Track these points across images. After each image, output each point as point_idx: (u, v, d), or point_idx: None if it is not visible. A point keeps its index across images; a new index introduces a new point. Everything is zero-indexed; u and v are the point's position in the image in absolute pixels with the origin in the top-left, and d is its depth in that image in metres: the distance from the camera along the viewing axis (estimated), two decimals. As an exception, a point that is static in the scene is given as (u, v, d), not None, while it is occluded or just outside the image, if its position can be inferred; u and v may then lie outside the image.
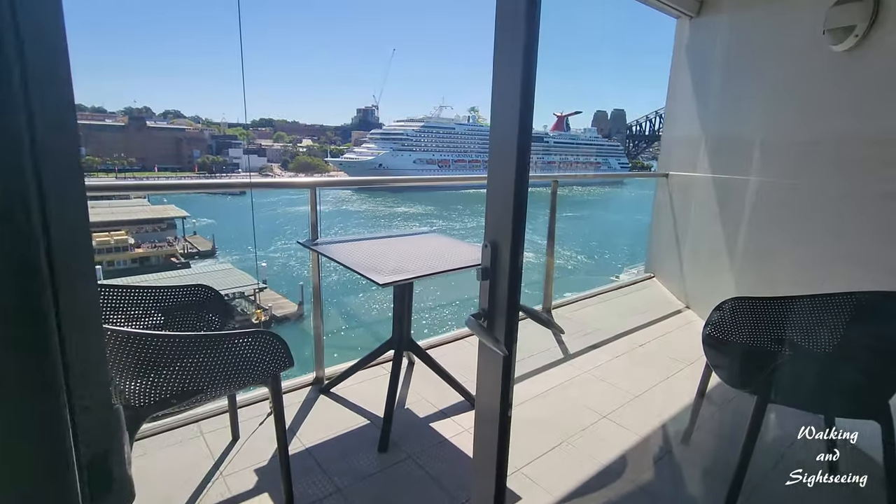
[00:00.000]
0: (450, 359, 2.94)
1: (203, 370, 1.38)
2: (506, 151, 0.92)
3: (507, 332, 0.99)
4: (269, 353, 1.52)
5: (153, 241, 31.42)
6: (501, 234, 0.96)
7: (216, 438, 2.08)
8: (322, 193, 2.54)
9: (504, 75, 0.90)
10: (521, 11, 0.83)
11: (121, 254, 27.98)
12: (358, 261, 2.08)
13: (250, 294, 22.66)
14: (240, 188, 2.22)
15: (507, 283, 0.96)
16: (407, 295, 2.28)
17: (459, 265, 2.08)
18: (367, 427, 2.25)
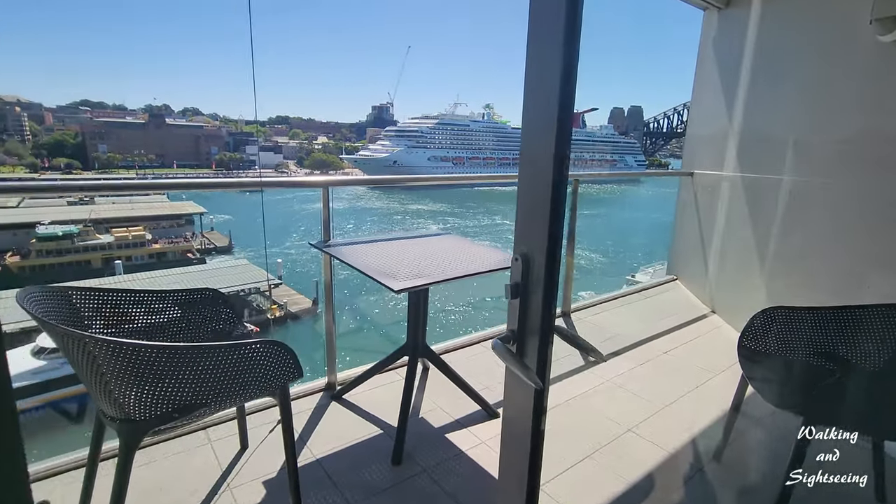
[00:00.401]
0: (465, 364, 2.84)
1: (206, 382, 1.30)
2: (540, 149, 0.80)
3: (541, 359, 0.87)
4: (277, 363, 1.43)
5: (171, 236, 31.91)
6: (535, 246, 0.84)
7: (224, 447, 2.01)
8: (336, 191, 2.46)
9: (540, 58, 0.78)
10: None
11: (138, 249, 28.44)
12: (371, 264, 1.99)
13: (266, 290, 22.84)
14: (252, 187, 2.14)
15: (542, 302, 0.84)
16: (422, 300, 2.18)
17: (477, 269, 1.97)
18: (380, 437, 2.16)
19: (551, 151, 0.78)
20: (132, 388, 1.22)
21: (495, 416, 2.34)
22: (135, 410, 1.26)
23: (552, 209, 0.80)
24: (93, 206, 29.21)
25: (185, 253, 30.34)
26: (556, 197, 0.80)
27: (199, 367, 1.27)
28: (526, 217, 0.87)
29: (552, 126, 0.77)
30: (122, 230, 28.61)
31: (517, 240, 0.88)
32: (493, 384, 2.64)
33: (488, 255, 2.22)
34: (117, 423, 1.28)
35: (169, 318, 1.69)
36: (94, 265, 26.62)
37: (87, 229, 27.24)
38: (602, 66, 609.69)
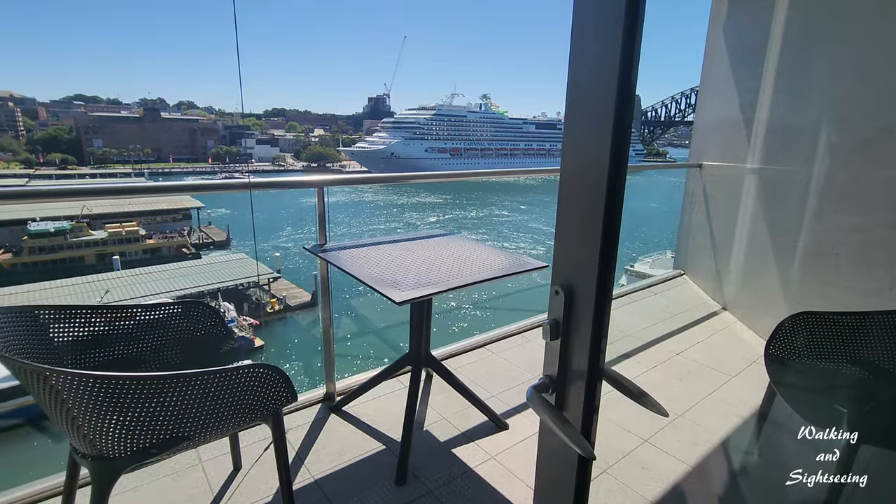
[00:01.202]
0: (470, 370, 2.72)
1: (189, 413, 1.16)
2: (590, 162, 0.65)
3: (586, 414, 0.75)
4: (268, 388, 1.29)
5: (165, 231, 31.69)
6: (581, 275, 0.69)
7: (216, 468, 1.88)
8: (333, 188, 2.30)
9: (593, 42, 0.63)
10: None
11: (132, 245, 28.24)
12: (371, 271, 1.84)
13: (264, 284, 22.74)
14: (239, 189, 1.99)
15: (589, 344, 0.71)
16: (426, 308, 2.04)
17: (484, 276, 1.83)
18: (382, 453, 2.03)
19: (605, 163, 0.63)
20: (103, 423, 1.08)
21: (504, 427, 2.21)
22: (108, 447, 1.12)
23: (604, 231, 0.65)
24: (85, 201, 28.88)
25: (179, 248, 30.13)
26: (609, 216, 0.64)
27: (180, 397, 1.13)
28: (569, 241, 0.71)
29: (606, 129, 0.63)
30: (116, 226, 28.36)
31: (557, 267, 0.73)
32: (499, 391, 2.51)
33: (494, 259, 2.08)
34: (89, 462, 1.14)
35: (150, 334, 1.55)
36: (88, 261, 26.44)
37: (79, 225, 27.02)
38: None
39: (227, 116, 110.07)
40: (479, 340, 3.01)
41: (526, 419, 2.29)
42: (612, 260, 0.68)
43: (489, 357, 2.89)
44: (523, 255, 2.15)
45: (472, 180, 51.82)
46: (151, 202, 33.39)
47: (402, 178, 2.50)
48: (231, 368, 1.19)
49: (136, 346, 1.52)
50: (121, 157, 79.16)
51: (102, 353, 1.47)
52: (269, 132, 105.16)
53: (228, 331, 1.74)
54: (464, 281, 1.76)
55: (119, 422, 1.09)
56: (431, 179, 2.70)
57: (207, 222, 38.47)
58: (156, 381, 1.08)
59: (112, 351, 1.48)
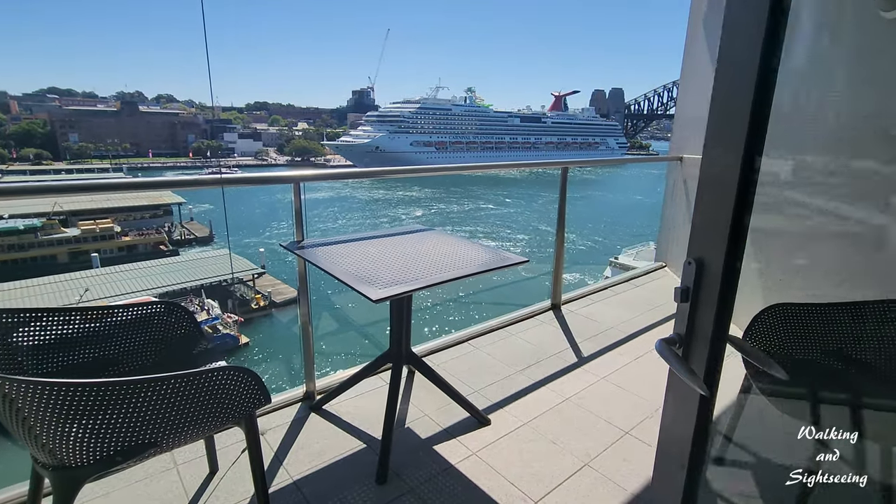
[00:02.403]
0: (452, 366, 2.71)
1: (156, 418, 1.12)
2: (729, 142, 0.78)
3: (709, 367, 0.86)
4: (240, 391, 1.26)
5: (142, 228, 31.04)
6: (712, 250, 0.81)
7: (191, 471, 1.83)
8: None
9: (734, 53, 0.77)
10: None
11: (106, 242, 27.59)
12: (349, 268, 1.81)
13: (249, 280, 22.45)
14: (211, 185, 1.93)
15: (715, 309, 0.82)
16: (406, 305, 2.01)
17: (463, 272, 1.81)
18: (363, 452, 2.00)
19: (740, 153, 0.75)
20: (62, 431, 1.04)
21: (486, 423, 2.20)
22: (68, 456, 1.08)
23: (735, 214, 0.77)
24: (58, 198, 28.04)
25: (156, 245, 29.53)
26: (741, 201, 0.77)
27: (146, 403, 1.09)
28: (705, 221, 0.84)
29: (743, 122, 0.75)
30: (90, 223, 27.66)
31: (692, 242, 0.86)
32: (482, 387, 2.51)
33: (474, 254, 2.06)
34: (49, 472, 1.10)
35: (118, 337, 1.50)
36: (60, 259, 25.78)
37: (51, 223, 26.30)
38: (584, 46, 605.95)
39: (208, 110, 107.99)
40: (462, 336, 3.00)
41: (509, 414, 2.28)
42: (741, 240, 0.79)
43: (472, 352, 2.88)
44: (504, 250, 2.13)
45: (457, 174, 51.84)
46: (130, 198, 32.65)
47: (382, 173, 2.46)
48: (199, 372, 1.16)
49: (104, 349, 1.47)
50: (98, 152, 77.20)
51: (68, 356, 1.42)
52: (251, 126, 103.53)
53: (201, 331, 1.69)
54: (443, 277, 1.74)
55: (80, 430, 1.05)
56: (412, 174, 2.67)
57: (189, 218, 37.81)
58: (118, 388, 1.04)
59: (78, 354, 1.43)
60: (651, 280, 4.30)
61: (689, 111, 4.36)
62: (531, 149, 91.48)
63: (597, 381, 2.61)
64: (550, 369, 2.71)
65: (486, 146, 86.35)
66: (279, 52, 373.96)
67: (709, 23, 4.05)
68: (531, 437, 2.13)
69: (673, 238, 4.44)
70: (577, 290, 3.91)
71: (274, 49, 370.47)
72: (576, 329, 3.24)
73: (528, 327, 3.25)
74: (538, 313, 3.45)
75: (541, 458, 2.00)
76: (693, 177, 4.12)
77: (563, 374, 2.68)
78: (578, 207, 43.68)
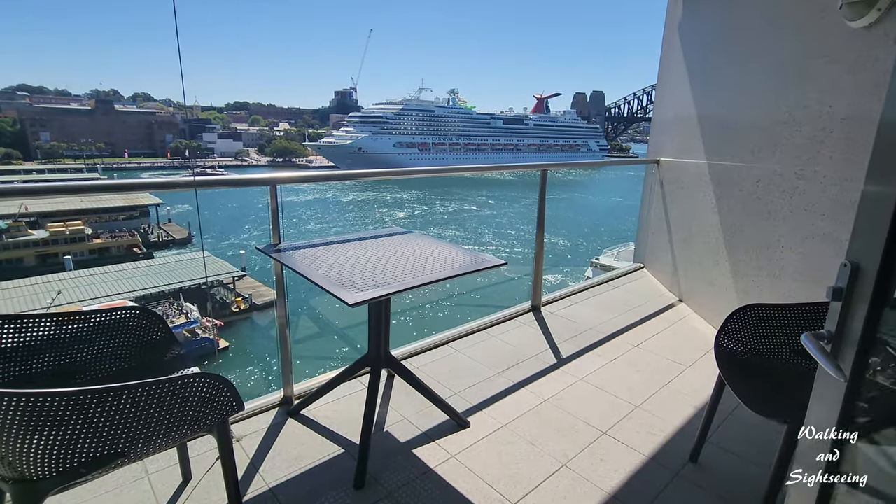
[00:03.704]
0: (432, 368, 2.70)
1: (121, 428, 1.09)
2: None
3: (856, 365, 0.89)
4: (212, 399, 1.23)
5: (114, 230, 30.25)
6: (869, 255, 0.85)
7: (163, 480, 1.79)
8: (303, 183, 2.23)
9: None
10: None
11: (76, 245, 26.80)
12: (326, 271, 1.79)
13: (229, 282, 22.09)
14: (184, 188, 1.90)
15: (866, 312, 0.86)
16: (384, 308, 2.00)
17: (441, 274, 1.81)
18: (341, 457, 1.98)
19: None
20: (21, 443, 1.00)
21: (465, 425, 2.20)
22: (28, 469, 1.04)
23: (892, 222, 0.81)
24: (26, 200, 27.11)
25: (129, 248, 28.79)
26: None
27: (111, 412, 1.06)
28: (866, 224, 0.88)
29: None
30: (59, 225, 26.82)
31: (851, 245, 0.90)
32: (461, 389, 2.51)
33: (453, 256, 2.06)
34: (9, 485, 1.06)
35: (85, 343, 1.45)
36: (28, 262, 24.98)
37: (17, 224, 25.48)
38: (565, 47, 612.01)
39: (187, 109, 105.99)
40: (442, 338, 3.00)
41: (488, 417, 2.29)
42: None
43: (452, 354, 2.88)
44: (482, 253, 2.14)
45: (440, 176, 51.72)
46: (105, 199, 31.80)
47: (361, 175, 2.44)
48: (168, 380, 1.13)
49: (69, 357, 1.43)
50: (71, 152, 75.04)
51: (29, 365, 1.37)
52: (231, 126, 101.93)
53: (174, 336, 1.65)
54: (420, 280, 1.73)
55: (41, 441, 1.01)
56: (392, 176, 2.66)
57: (167, 219, 37.03)
58: (80, 397, 1.01)
59: (40, 363, 1.38)
60: (630, 281, 4.37)
61: (666, 114, 4.43)
62: (514, 150, 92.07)
63: (575, 382, 2.64)
64: (530, 371, 2.72)
65: (468, 148, 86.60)
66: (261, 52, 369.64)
67: (684, 29, 4.13)
68: (510, 438, 2.14)
69: (650, 239, 4.51)
70: (557, 291, 3.95)
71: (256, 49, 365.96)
72: (555, 330, 3.27)
73: (509, 329, 3.26)
74: (519, 315, 3.47)
75: (519, 459, 2.01)
76: (670, 180, 4.19)
77: (542, 375, 2.70)
78: (560, 209, 44.12)
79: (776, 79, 2.99)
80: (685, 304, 3.87)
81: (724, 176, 3.47)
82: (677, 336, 3.29)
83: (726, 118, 3.50)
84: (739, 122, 3.32)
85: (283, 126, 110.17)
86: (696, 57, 3.89)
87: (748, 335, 1.84)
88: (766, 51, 3.09)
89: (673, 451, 2.09)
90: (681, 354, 2.97)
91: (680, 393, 2.55)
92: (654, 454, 2.08)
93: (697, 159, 3.76)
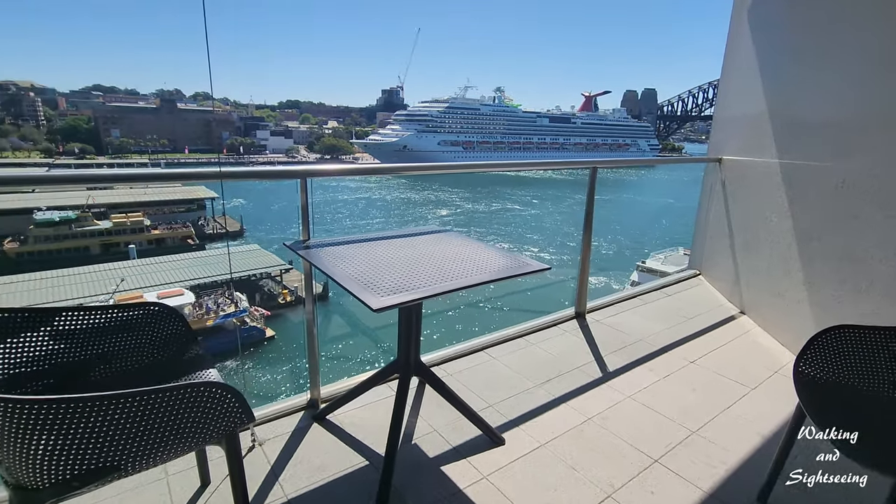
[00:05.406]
0: (466, 377, 2.54)
1: (118, 441, 1.00)
2: None
3: None
4: (218, 409, 1.13)
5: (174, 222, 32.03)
6: None
7: (182, 483, 1.73)
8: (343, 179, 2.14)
9: None
10: None
11: (136, 235, 28.62)
12: (352, 271, 1.67)
13: (276, 275, 22.84)
14: (210, 179, 1.83)
15: None
16: (415, 313, 1.86)
17: (477, 279, 1.64)
18: (365, 469, 1.86)
19: None
20: (12, 451, 0.92)
21: (500, 442, 2.03)
22: (24, 477, 0.96)
23: None
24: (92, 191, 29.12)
25: (184, 239, 30.41)
26: None
27: (107, 422, 0.97)
28: None
29: None
30: (121, 216, 28.71)
31: None
32: (496, 401, 2.33)
33: (491, 259, 1.88)
34: (9, 490, 0.99)
35: (99, 340, 1.39)
36: (93, 251, 26.81)
37: (84, 215, 27.41)
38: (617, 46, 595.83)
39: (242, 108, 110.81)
40: (478, 344, 2.83)
41: (524, 434, 2.10)
42: None
43: (488, 362, 2.71)
44: (524, 255, 1.95)
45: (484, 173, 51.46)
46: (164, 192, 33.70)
47: (392, 170, 2.31)
48: (169, 388, 1.03)
49: (85, 352, 1.37)
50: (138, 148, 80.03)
51: (44, 360, 1.32)
52: (283, 124, 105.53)
53: (194, 335, 1.58)
54: (453, 284, 1.58)
55: (30, 450, 0.93)
56: (423, 171, 2.51)
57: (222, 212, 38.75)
58: (71, 405, 0.92)
59: (57, 357, 1.33)
60: (684, 289, 4.03)
61: (730, 110, 4.06)
62: (559, 149, 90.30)
63: (623, 399, 2.40)
64: (572, 384, 2.51)
65: (513, 146, 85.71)
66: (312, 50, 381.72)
67: (754, 14, 3.75)
68: (548, 461, 1.94)
69: (708, 244, 4.16)
70: (603, 297, 3.68)
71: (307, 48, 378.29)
72: (601, 340, 3.02)
73: (550, 336, 3.05)
74: (561, 321, 3.25)
75: (558, 485, 1.82)
76: (733, 179, 3.83)
77: (585, 390, 2.48)
78: (605, 210, 42.74)
79: (862, 69, 2.62)
80: (748, 317, 3.51)
81: (797, 176, 3.11)
82: (739, 352, 2.97)
83: (802, 114, 3.13)
84: (819, 117, 2.95)
85: (332, 124, 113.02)
86: (766, 48, 3.52)
87: (838, 362, 1.56)
88: (852, 40, 2.72)
89: (737, 489, 1.84)
90: (744, 374, 2.66)
91: (744, 419, 2.27)
92: (713, 490, 1.83)
93: (766, 158, 3.40)
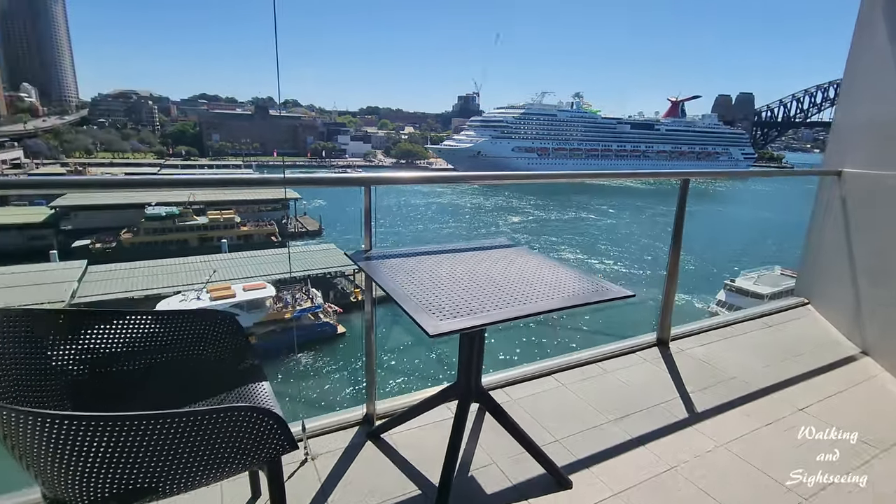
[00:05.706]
0: (533, 404, 2.34)
1: (155, 461, 0.95)
2: None
3: None
4: (259, 436, 1.05)
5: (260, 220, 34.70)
6: None
7: (234, 492, 1.70)
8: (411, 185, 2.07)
9: None
10: None
11: (227, 231, 31.38)
12: (413, 289, 1.55)
13: (349, 274, 23.82)
14: (275, 185, 1.81)
15: None
16: (478, 338, 1.71)
17: (549, 304, 1.46)
18: (417, 499, 1.73)
19: None
20: (49, 466, 0.89)
21: (567, 485, 1.81)
22: (62, 491, 0.94)
23: None
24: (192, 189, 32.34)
25: (268, 236, 32.87)
26: None
27: (142, 442, 0.92)
28: None
29: None
30: (216, 213, 31.52)
31: None
32: (563, 435, 2.11)
33: (565, 281, 1.69)
34: (47, 502, 0.97)
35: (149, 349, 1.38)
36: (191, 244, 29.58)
37: (186, 211, 30.40)
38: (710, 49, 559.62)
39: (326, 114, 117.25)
40: (545, 367, 2.61)
41: (594, 477, 1.87)
42: None
43: (556, 388, 2.49)
44: (602, 279, 1.73)
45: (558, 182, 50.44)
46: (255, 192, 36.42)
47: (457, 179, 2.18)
48: (209, 411, 0.96)
49: (130, 364, 1.36)
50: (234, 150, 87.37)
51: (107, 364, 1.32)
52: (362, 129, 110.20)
53: (249, 345, 1.54)
54: (522, 311, 1.41)
55: (68, 467, 0.89)
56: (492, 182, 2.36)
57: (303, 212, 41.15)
58: (105, 423, 0.87)
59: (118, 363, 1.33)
60: (790, 319, 3.53)
61: (855, 116, 3.52)
62: (640, 157, 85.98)
63: (713, 447, 2.08)
64: (652, 424, 2.22)
65: (590, 153, 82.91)
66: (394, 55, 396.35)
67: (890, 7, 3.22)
68: (621, 514, 1.70)
69: (823, 269, 3.61)
70: (690, 323, 3.30)
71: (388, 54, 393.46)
72: (687, 374, 2.68)
73: (627, 365, 2.76)
74: (640, 348, 2.94)
75: (634, 547, 1.57)
76: (857, 196, 3.30)
77: (668, 432, 2.18)
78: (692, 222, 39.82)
79: None
80: (873, 359, 2.97)
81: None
82: (863, 403, 2.50)
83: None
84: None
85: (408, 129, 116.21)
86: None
87: None
88: None
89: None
90: (871, 430, 2.22)
91: (871, 492, 1.87)
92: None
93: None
